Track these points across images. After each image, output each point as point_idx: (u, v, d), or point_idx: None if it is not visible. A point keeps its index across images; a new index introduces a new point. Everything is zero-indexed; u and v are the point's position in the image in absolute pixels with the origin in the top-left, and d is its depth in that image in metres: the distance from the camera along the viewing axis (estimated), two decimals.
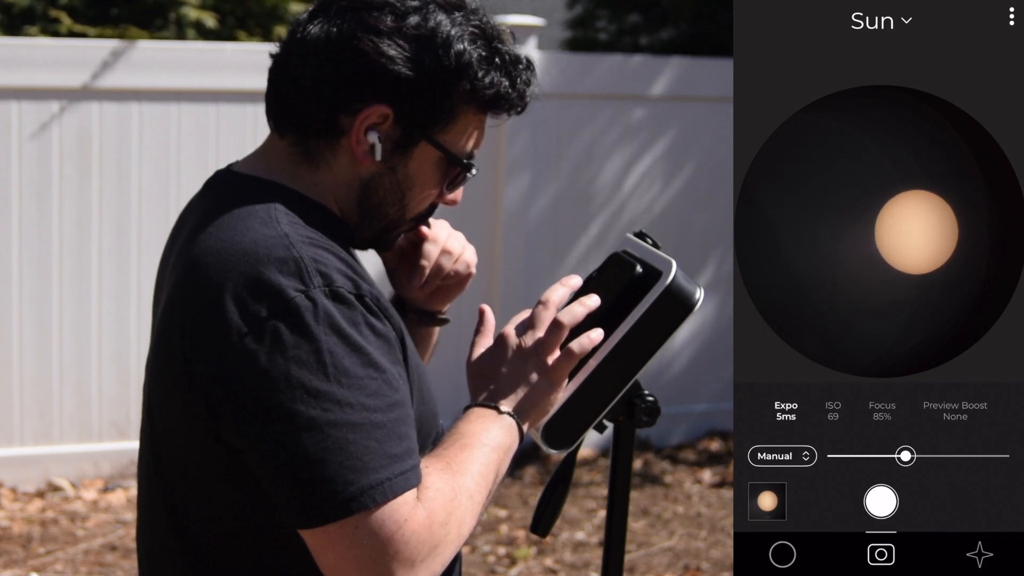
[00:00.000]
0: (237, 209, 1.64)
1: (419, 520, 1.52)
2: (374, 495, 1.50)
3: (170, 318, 1.62)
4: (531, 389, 1.69)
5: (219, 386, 1.55)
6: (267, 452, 1.53)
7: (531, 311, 1.73)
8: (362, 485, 1.50)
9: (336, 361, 1.52)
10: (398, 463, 1.53)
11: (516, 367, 1.70)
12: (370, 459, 1.51)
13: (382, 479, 1.51)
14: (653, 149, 6.28)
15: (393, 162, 1.69)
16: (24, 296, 5.37)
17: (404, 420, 1.56)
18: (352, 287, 1.57)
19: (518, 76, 1.71)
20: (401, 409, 1.56)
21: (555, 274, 6.13)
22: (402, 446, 1.54)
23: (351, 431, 1.51)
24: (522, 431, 1.68)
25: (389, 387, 1.55)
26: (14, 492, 5.39)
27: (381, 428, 1.53)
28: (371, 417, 1.52)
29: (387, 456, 1.52)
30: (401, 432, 1.55)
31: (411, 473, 1.54)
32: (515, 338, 1.71)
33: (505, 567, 4.90)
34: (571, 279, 1.77)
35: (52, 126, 5.34)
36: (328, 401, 1.51)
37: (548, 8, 10.13)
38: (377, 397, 1.54)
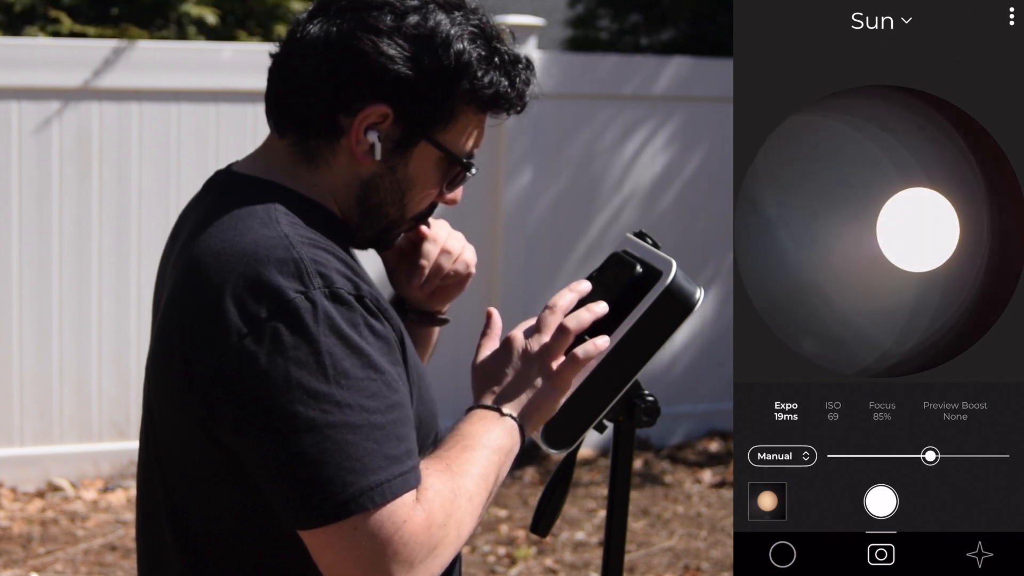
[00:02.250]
0: (237, 210, 1.64)
1: (418, 521, 1.52)
2: (373, 496, 1.50)
3: (170, 318, 1.62)
4: (535, 393, 1.69)
5: (218, 387, 1.55)
6: (266, 453, 1.53)
7: (538, 316, 1.73)
8: (361, 486, 1.50)
9: (336, 362, 1.52)
10: (397, 464, 1.52)
11: (521, 371, 1.70)
12: (369, 460, 1.51)
13: (381, 480, 1.51)
14: (653, 149, 6.28)
15: (393, 162, 1.69)
16: (24, 296, 5.36)
17: (403, 421, 1.56)
18: (352, 288, 1.57)
19: (517, 76, 1.71)
20: (400, 410, 1.56)
21: (555, 274, 6.13)
22: (401, 447, 1.54)
23: (350, 432, 1.51)
24: (524, 434, 1.68)
25: (388, 388, 1.55)
26: (14, 492, 5.39)
27: (380, 429, 1.53)
28: (370, 418, 1.52)
29: (386, 457, 1.52)
30: (400, 433, 1.55)
31: (410, 474, 1.54)
32: (521, 342, 1.71)
33: (505, 567, 4.90)
34: (580, 284, 1.76)
35: (52, 126, 5.34)
36: (327, 402, 1.51)
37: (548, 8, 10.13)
38: (376, 398, 1.53)
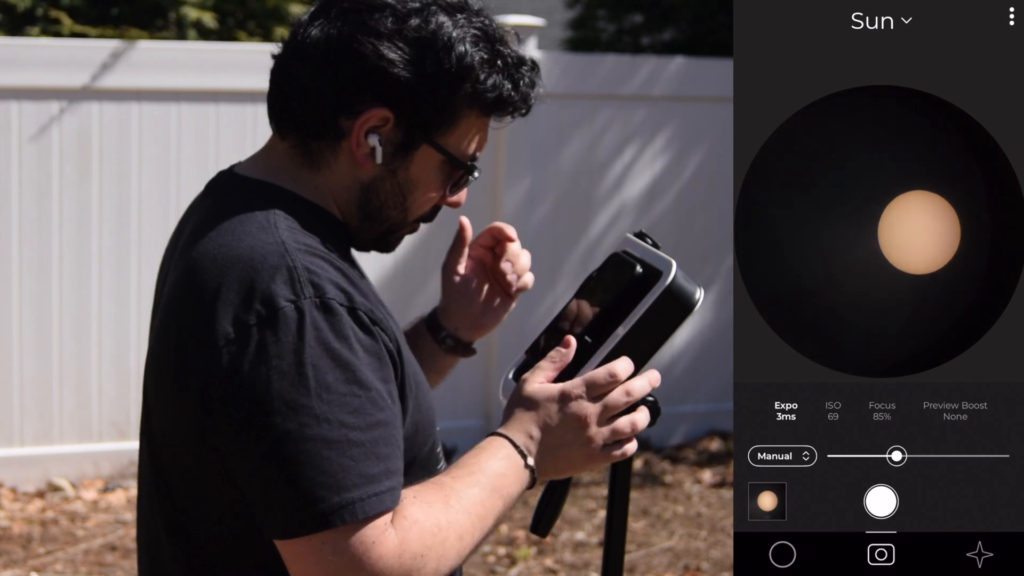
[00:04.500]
0: (237, 213, 1.63)
1: (388, 545, 1.50)
2: (343, 514, 1.49)
3: (167, 320, 1.62)
4: (567, 462, 1.66)
5: (206, 390, 1.54)
6: (245, 459, 1.53)
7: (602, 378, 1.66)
8: (332, 503, 1.49)
9: (319, 375, 1.51)
10: (372, 484, 1.51)
11: (567, 436, 1.65)
12: (343, 477, 1.49)
13: (353, 499, 1.49)
14: (653, 149, 6.28)
15: (394, 165, 1.68)
16: (24, 296, 5.36)
17: (386, 440, 1.54)
18: (344, 299, 1.56)
19: (521, 78, 1.69)
20: (383, 429, 1.54)
21: (556, 274, 6.13)
22: (380, 467, 1.52)
23: (326, 447, 1.49)
24: (533, 482, 1.66)
25: (373, 405, 1.53)
26: (14, 492, 5.39)
27: (359, 447, 1.51)
28: (349, 435, 1.50)
29: (362, 476, 1.50)
30: (381, 452, 1.53)
31: (386, 495, 1.52)
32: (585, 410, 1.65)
33: (505, 567, 4.90)
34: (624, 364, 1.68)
35: (52, 126, 5.34)
36: (306, 415, 1.49)
37: (548, 8, 10.13)
38: (358, 415, 1.52)
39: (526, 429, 1.65)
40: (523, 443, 1.64)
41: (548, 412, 1.65)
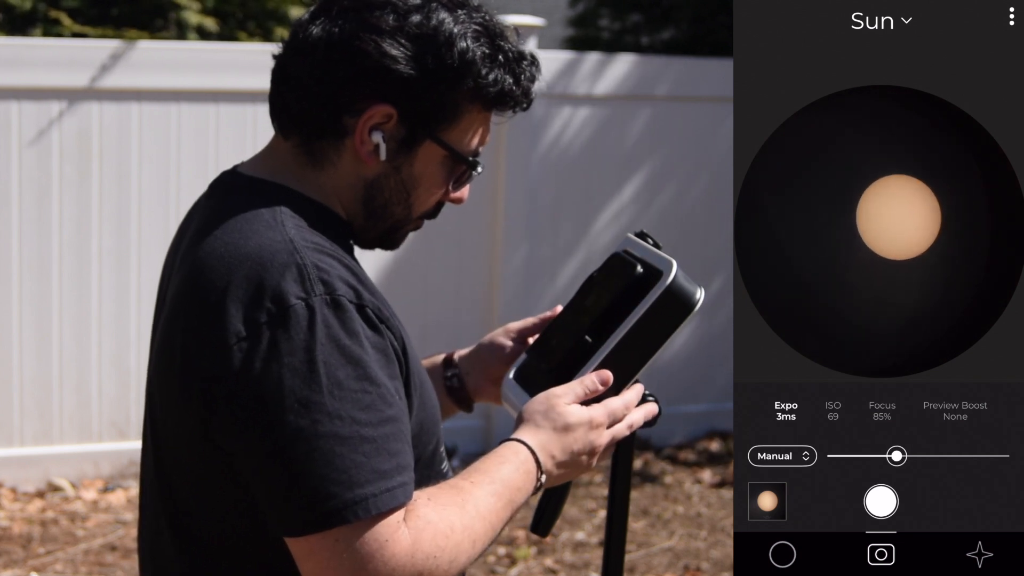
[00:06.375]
0: (242, 212, 1.63)
1: (401, 543, 1.51)
2: (356, 510, 1.49)
3: (173, 320, 1.62)
4: (566, 476, 1.74)
5: (214, 388, 1.54)
6: (255, 457, 1.53)
7: (619, 409, 1.75)
8: (346, 499, 1.49)
9: (330, 372, 1.51)
10: (385, 479, 1.51)
11: (581, 455, 1.72)
12: (356, 473, 1.50)
13: (367, 494, 1.49)
14: (653, 149, 6.28)
15: (398, 161, 1.69)
16: (24, 296, 5.36)
17: (396, 436, 1.54)
18: (354, 296, 1.56)
19: (522, 73, 1.70)
20: (393, 425, 1.54)
21: (556, 274, 6.13)
22: (391, 462, 1.52)
23: (339, 444, 1.50)
24: (539, 487, 1.70)
25: (383, 402, 1.54)
26: (14, 492, 5.39)
27: (371, 443, 1.51)
28: (361, 431, 1.51)
29: (374, 472, 1.51)
30: (392, 448, 1.53)
31: (399, 490, 1.52)
32: (604, 437, 1.74)
33: (505, 567, 4.90)
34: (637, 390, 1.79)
35: (52, 126, 5.34)
36: (319, 412, 1.50)
37: (549, 7, 10.13)
38: (370, 411, 1.52)
39: (552, 452, 1.69)
40: (546, 464, 1.68)
41: (576, 437, 1.70)
